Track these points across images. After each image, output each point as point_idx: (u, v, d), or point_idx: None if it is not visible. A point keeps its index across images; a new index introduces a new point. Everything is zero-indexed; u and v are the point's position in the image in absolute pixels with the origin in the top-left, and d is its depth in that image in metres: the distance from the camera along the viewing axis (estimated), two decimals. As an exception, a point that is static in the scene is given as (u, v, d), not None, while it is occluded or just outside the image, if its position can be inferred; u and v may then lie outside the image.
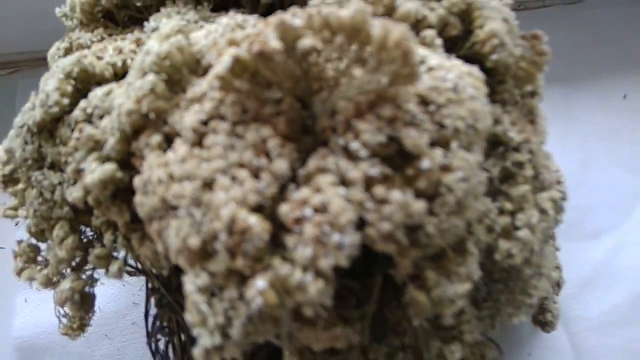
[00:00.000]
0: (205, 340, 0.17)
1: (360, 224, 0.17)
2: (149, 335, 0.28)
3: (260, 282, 0.16)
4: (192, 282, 0.17)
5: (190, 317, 0.17)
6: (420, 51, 0.20)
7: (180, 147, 0.17)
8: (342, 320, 0.20)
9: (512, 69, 0.22)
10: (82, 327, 0.29)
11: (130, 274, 0.31)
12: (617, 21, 0.53)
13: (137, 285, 0.40)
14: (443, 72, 0.19)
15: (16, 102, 0.47)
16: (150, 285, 0.27)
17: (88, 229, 0.24)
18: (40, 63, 0.48)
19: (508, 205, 0.22)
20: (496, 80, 0.23)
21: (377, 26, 0.17)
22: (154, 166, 0.17)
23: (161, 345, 0.29)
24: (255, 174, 0.17)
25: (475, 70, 0.20)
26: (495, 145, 0.22)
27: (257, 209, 0.17)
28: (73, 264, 0.23)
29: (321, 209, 0.16)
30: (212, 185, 0.16)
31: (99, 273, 0.35)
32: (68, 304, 0.23)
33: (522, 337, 0.41)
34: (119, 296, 0.40)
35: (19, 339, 0.38)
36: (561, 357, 0.40)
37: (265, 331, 0.17)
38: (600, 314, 0.42)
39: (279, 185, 0.17)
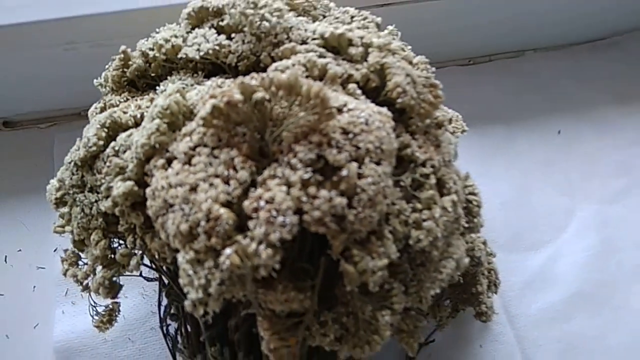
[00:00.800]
0: (192, 295, 0.23)
1: (301, 214, 0.24)
2: (161, 321, 0.34)
3: (228, 251, 0.23)
4: (182, 257, 0.24)
5: (181, 280, 0.23)
6: (343, 98, 0.27)
7: (176, 165, 0.24)
8: (296, 289, 0.27)
9: (416, 109, 0.29)
10: (110, 320, 0.35)
11: (147, 279, 0.38)
12: (551, 71, 0.60)
13: (154, 297, 0.46)
14: (358, 111, 0.26)
15: (54, 151, 0.52)
16: (163, 280, 0.34)
17: (116, 239, 0.31)
18: (73, 118, 0.54)
19: (418, 205, 0.29)
20: (407, 117, 0.30)
21: (304, 84, 0.24)
22: (159, 179, 0.24)
23: (171, 329, 0.35)
24: (226, 181, 0.24)
25: (383, 110, 0.27)
26: (407, 162, 0.29)
27: (227, 204, 0.23)
28: (105, 262, 0.30)
29: (270, 201, 0.23)
30: (196, 189, 0.23)
31: (123, 289, 0.41)
32: (100, 289, 0.29)
33: (474, 332, 0.46)
34: (140, 306, 0.46)
35: (58, 343, 0.44)
36: (508, 347, 0.45)
37: (234, 290, 0.24)
38: (539, 311, 0.47)
39: (243, 188, 0.24)
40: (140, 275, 0.36)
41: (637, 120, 0.57)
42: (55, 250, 0.48)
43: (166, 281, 0.33)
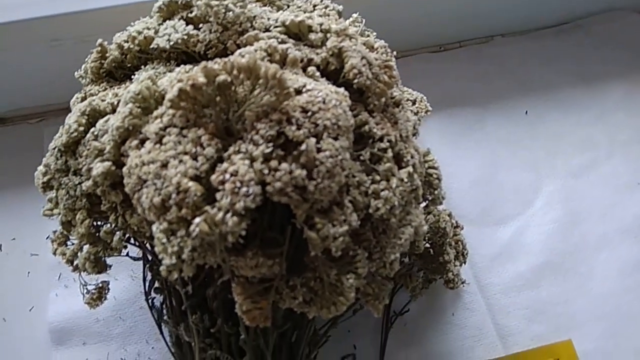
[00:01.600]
0: (166, 261, 0.25)
1: (264, 185, 0.26)
2: (146, 294, 0.36)
3: (197, 220, 0.25)
4: (157, 227, 0.26)
5: (157, 248, 0.25)
6: (302, 79, 0.29)
7: (148, 145, 0.26)
8: (265, 256, 0.29)
9: (372, 88, 0.31)
10: (100, 297, 0.37)
11: (133, 259, 0.40)
12: (518, 55, 0.62)
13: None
14: (316, 91, 0.28)
15: (44, 146, 0.52)
16: (147, 257, 0.36)
17: (100, 220, 0.33)
18: (62, 112, 0.53)
19: (377, 177, 0.31)
20: (365, 97, 0.32)
21: (263, 66, 0.26)
22: (133, 158, 0.26)
23: (157, 303, 0.37)
24: (194, 157, 0.26)
25: (340, 90, 0.29)
26: (366, 138, 0.31)
27: (195, 178, 0.25)
28: (90, 239, 0.32)
29: (234, 174, 0.25)
30: (167, 165, 0.25)
31: (113, 272, 0.43)
32: (87, 264, 0.31)
33: (446, 301, 0.48)
34: (130, 287, 0.47)
35: (53, 324, 0.46)
36: (478, 315, 0.48)
37: (206, 256, 0.26)
38: (507, 280, 0.49)
39: (210, 164, 0.26)
40: (127, 255, 0.38)
41: (600, 99, 0.59)
42: (47, 238, 0.49)
43: (149, 257, 0.35)
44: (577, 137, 0.57)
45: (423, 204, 0.41)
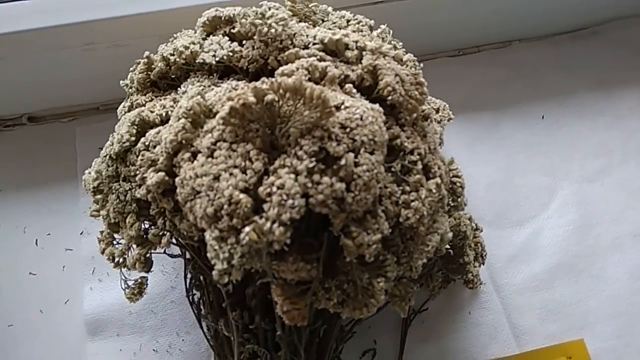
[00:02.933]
0: (218, 266, 0.28)
1: (307, 197, 0.29)
2: (187, 291, 0.39)
3: (247, 229, 0.27)
4: (209, 235, 0.28)
5: (209, 254, 0.28)
6: (341, 97, 0.31)
7: (201, 158, 0.28)
8: (304, 261, 0.31)
9: (404, 104, 0.33)
10: (140, 292, 0.40)
11: (171, 256, 0.43)
12: (534, 60, 0.64)
13: (173, 273, 0.51)
14: (354, 108, 0.31)
15: (76, 142, 0.57)
16: (186, 256, 0.38)
17: (146, 221, 0.36)
18: (92, 112, 0.58)
19: (407, 188, 0.33)
20: (397, 111, 0.34)
21: (308, 87, 0.28)
22: (186, 170, 0.29)
23: (196, 298, 0.40)
24: (244, 171, 0.28)
25: (375, 106, 0.32)
26: (397, 151, 0.34)
27: (245, 190, 0.28)
28: (139, 241, 0.34)
29: (281, 187, 0.28)
30: (219, 178, 0.28)
31: None
32: (137, 265, 0.34)
33: (464, 300, 0.51)
34: (161, 281, 0.50)
35: (88, 316, 0.49)
36: (494, 314, 0.50)
37: (253, 262, 0.28)
38: (523, 280, 0.52)
39: (258, 177, 0.28)
40: (165, 252, 0.41)
41: (615, 105, 0.61)
42: (81, 233, 0.53)
43: (189, 256, 0.38)
44: (592, 142, 0.59)
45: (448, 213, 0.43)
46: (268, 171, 0.29)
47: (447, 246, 0.46)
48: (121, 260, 0.36)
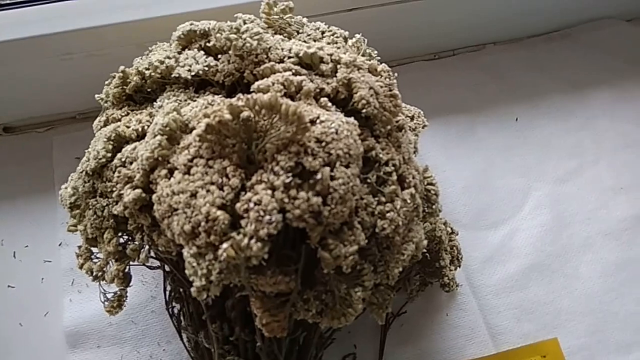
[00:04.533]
0: (196, 283, 0.28)
1: (284, 212, 0.29)
2: (167, 303, 0.39)
3: (224, 245, 0.28)
4: (187, 252, 0.29)
5: (187, 271, 0.28)
6: (316, 111, 0.32)
7: (177, 175, 0.29)
8: (282, 274, 0.32)
9: (379, 117, 0.34)
10: (119, 305, 0.40)
11: (150, 268, 0.43)
12: (509, 63, 0.65)
13: (153, 283, 0.51)
14: (329, 122, 0.31)
15: (53, 153, 0.56)
16: (165, 269, 0.39)
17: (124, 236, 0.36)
18: (69, 122, 0.58)
19: (383, 199, 0.34)
20: (372, 123, 0.35)
21: (283, 103, 0.29)
22: (163, 187, 0.29)
23: (176, 310, 0.40)
24: (221, 187, 0.29)
25: (350, 120, 0.32)
26: (372, 162, 0.34)
27: (222, 207, 0.28)
28: (117, 256, 0.34)
29: (258, 203, 0.28)
30: (196, 195, 0.28)
31: None
32: (116, 281, 0.34)
33: (441, 302, 0.52)
34: (140, 292, 0.50)
35: (68, 328, 0.48)
36: (471, 315, 0.51)
37: (231, 277, 0.29)
38: (498, 281, 0.53)
39: (235, 193, 0.29)
40: (144, 264, 0.41)
41: (588, 106, 0.63)
42: (59, 245, 0.53)
43: (168, 269, 0.38)
44: (565, 143, 0.61)
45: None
46: (245, 187, 0.29)
47: (424, 251, 0.47)
48: (100, 274, 0.36)
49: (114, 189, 0.32)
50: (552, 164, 0.60)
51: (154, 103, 0.35)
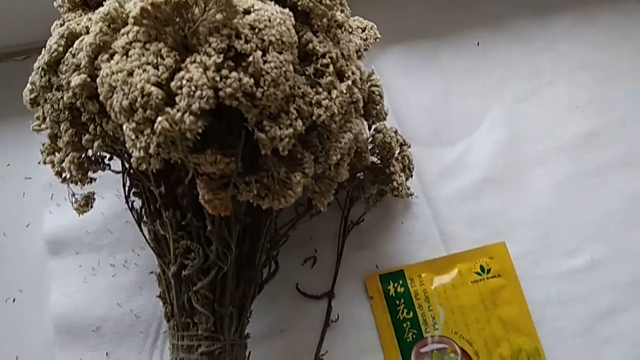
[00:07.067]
0: (135, 154, 0.30)
1: (217, 90, 0.31)
2: (126, 197, 0.41)
3: (160, 118, 0.29)
4: (126, 127, 0.30)
5: (127, 145, 0.30)
6: (251, 1, 0.33)
7: (116, 57, 0.30)
8: (223, 155, 0.33)
9: (315, 10, 0.35)
10: (87, 204, 0.42)
11: (115, 172, 0.45)
12: (473, -10, 0.65)
13: (127, 196, 0.53)
14: (263, 11, 0.32)
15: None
16: (123, 166, 0.41)
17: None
18: None
19: (320, 90, 0.35)
20: (310, 19, 0.36)
21: (212, -13, 0.30)
22: (104, 69, 0.30)
23: (136, 205, 0.42)
24: (156, 67, 0.30)
25: (285, 10, 0.33)
26: (311, 55, 0.35)
27: (157, 85, 0.30)
28: (74, 147, 0.36)
29: (190, 80, 0.29)
30: (132, 73, 0.30)
31: (100, 191, 0.48)
32: (72, 167, 0.36)
33: (397, 212, 0.54)
34: (116, 204, 0.52)
35: (48, 236, 0.51)
36: (425, 223, 0.53)
37: (170, 152, 0.31)
38: (452, 193, 0.54)
39: (169, 72, 0.30)
40: (109, 168, 0.43)
41: (548, 30, 0.63)
42: (39, 163, 0.54)
43: (127, 166, 0.40)
44: (524, 66, 0.61)
45: (371, 123, 0.45)
46: (180, 69, 0.31)
47: (375, 159, 0.49)
48: (61, 169, 0.38)
49: (64, 78, 0.33)
50: (511, 85, 0.60)
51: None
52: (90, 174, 0.40)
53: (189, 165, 0.33)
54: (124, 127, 0.30)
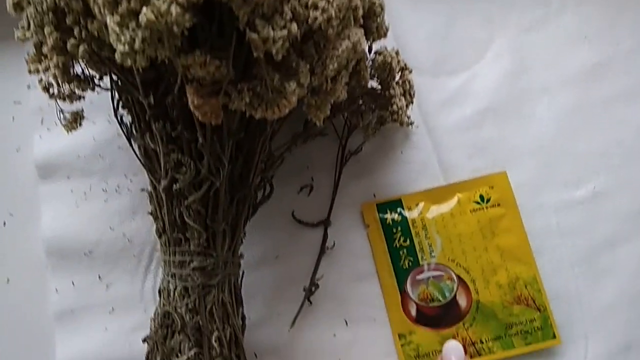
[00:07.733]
0: (119, 48, 0.28)
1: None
2: (115, 111, 0.40)
3: (145, 9, 0.27)
4: (111, 21, 0.28)
5: (111, 39, 0.28)
6: None
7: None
8: (213, 57, 0.32)
9: None
10: (75, 120, 0.41)
11: (101, 88, 0.43)
12: None
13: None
14: None
15: None
16: (111, 79, 0.39)
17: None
18: None
19: (316, -8, 0.33)
20: None
21: None
22: (85, -43, 0.28)
23: (125, 120, 0.41)
24: (140, -45, 0.28)
25: None
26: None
27: (142, -27, 0.28)
28: (59, 52, 0.34)
29: (176, -30, 0.28)
30: (115, -40, 0.28)
31: (91, 117, 0.46)
32: (57, 72, 0.34)
33: (397, 141, 0.52)
34: (107, 129, 0.50)
35: (39, 161, 0.50)
36: (424, 152, 0.51)
37: (156, 48, 0.29)
38: (453, 122, 0.52)
39: (155, -38, 0.28)
40: (99, 86, 0.41)
41: (558, -43, 0.60)
42: (28, 87, 0.53)
43: (115, 78, 0.38)
44: (532, -7, 0.59)
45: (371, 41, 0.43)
46: (167, -40, 0.29)
47: (375, 84, 0.47)
48: (54, 90, 0.36)
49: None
50: (517, 14, 0.58)
51: None
52: (79, 92, 0.39)
53: (178, 68, 0.32)
54: (108, 20, 0.28)
